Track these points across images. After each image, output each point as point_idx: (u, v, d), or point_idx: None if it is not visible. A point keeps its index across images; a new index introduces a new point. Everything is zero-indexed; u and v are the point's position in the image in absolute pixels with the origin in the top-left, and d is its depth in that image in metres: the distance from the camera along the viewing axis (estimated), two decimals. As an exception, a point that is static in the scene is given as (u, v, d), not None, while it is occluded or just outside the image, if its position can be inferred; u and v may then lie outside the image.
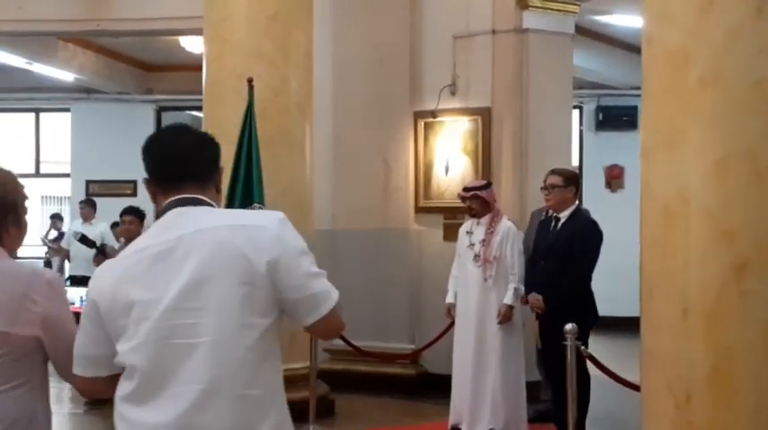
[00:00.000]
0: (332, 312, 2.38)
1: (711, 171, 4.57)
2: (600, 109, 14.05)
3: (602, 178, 14.00)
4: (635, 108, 13.77)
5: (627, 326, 8.67)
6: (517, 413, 6.67)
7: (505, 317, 6.56)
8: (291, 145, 7.54)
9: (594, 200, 12.72)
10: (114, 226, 13.31)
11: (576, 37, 9.27)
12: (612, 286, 9.26)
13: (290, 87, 7.52)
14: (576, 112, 13.51)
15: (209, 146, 2.55)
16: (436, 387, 7.95)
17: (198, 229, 2.35)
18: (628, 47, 12.17)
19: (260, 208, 7.05)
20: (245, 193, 7.10)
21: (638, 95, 13.92)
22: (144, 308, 2.30)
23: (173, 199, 2.44)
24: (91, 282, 2.45)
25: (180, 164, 2.46)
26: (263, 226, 2.37)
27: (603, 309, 6.62)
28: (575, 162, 12.42)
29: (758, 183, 4.53)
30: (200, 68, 7.83)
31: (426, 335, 8.16)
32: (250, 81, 7.08)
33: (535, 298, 6.25)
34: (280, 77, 7.45)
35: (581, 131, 14.15)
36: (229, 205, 7.10)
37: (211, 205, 2.45)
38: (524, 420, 6.73)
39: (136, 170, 11.52)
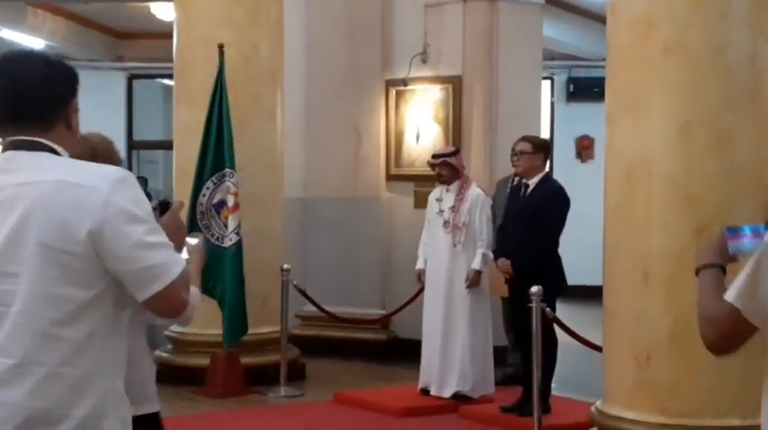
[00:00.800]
0: (168, 288, 2.06)
1: (674, 136, 4.69)
2: (571, 80, 14.13)
3: (573, 149, 14.11)
4: (605, 79, 13.83)
5: (596, 295, 8.76)
6: (485, 376, 6.79)
7: (473, 281, 6.65)
8: (262, 111, 7.57)
9: (565, 170, 12.82)
10: None
11: (547, 7, 9.32)
12: (582, 255, 9.38)
13: (261, 54, 7.54)
14: (547, 83, 13.57)
15: (58, 77, 2.21)
16: (406, 351, 8.05)
17: (22, 182, 2.06)
18: (599, 18, 12.23)
19: (231, 173, 7.10)
20: (216, 159, 7.14)
21: (608, 66, 13.64)
22: None
23: (9, 139, 2.14)
24: None
25: (17, 100, 2.13)
26: (94, 186, 2.04)
27: (573, 277, 6.73)
28: (545, 132, 12.50)
29: (720, 149, 4.65)
30: (170, 36, 7.82)
31: (396, 301, 8.25)
32: (221, 47, 7.11)
33: (504, 263, 6.35)
34: (251, 44, 7.47)
35: (552, 102, 14.23)
36: (200, 170, 7.16)
37: (53, 150, 2.12)
38: (492, 383, 6.85)
39: (109, 137, 11.46)
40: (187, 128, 7.57)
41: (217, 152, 7.12)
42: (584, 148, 14.17)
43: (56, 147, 2.13)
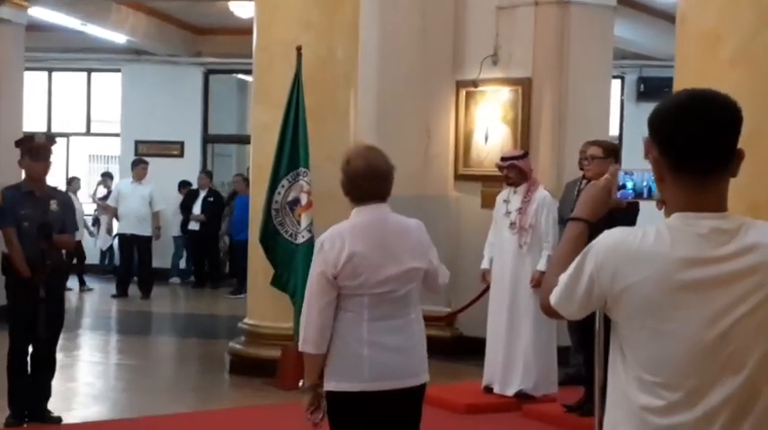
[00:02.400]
0: None
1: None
2: (641, 80, 14.12)
3: (642, 149, 14.07)
4: (677, 79, 13.81)
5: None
6: (548, 376, 6.93)
7: (538, 282, 6.78)
8: (337, 113, 7.79)
9: (634, 171, 12.82)
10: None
11: (618, 8, 9.37)
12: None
13: (337, 57, 7.76)
14: (617, 83, 13.60)
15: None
16: (470, 349, 8.22)
17: None
18: (670, 18, 12.19)
19: (305, 172, 7.34)
20: (292, 158, 7.38)
21: (680, 67, 13.54)
22: None
23: None
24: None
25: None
26: None
27: None
28: (614, 133, 12.54)
29: (784, 160, 4.73)
30: (247, 33, 8.07)
31: (462, 299, 8.42)
32: (299, 49, 7.34)
33: None
34: (327, 47, 7.69)
35: (622, 102, 14.24)
36: (276, 169, 7.41)
37: None
38: (554, 382, 6.99)
39: (184, 131, 12.07)
40: (264, 126, 7.83)
41: (292, 151, 7.37)
42: (653, 149, 14.14)
43: None
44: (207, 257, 14.45)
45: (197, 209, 14.08)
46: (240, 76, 15.95)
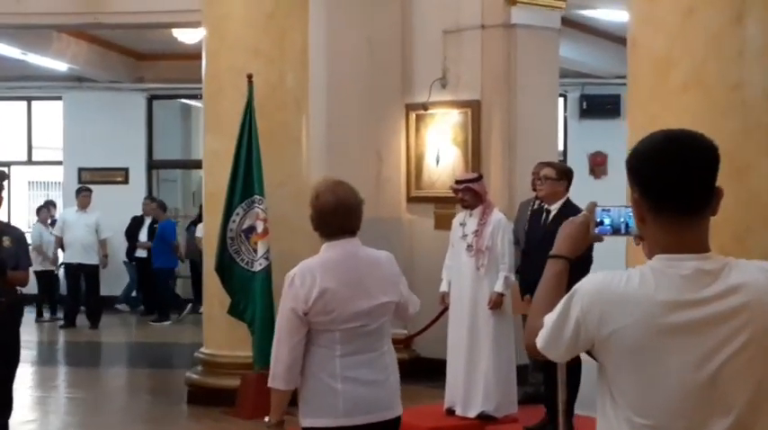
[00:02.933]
0: None
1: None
2: (584, 97, 14.36)
3: (586, 165, 14.31)
4: (618, 96, 14.08)
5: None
6: (508, 396, 6.98)
7: (496, 304, 6.86)
8: (289, 139, 7.80)
9: (578, 187, 12.89)
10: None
11: (561, 28, 9.53)
12: (596, 268, 9.56)
13: (287, 83, 7.77)
14: (560, 101, 13.79)
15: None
16: (428, 370, 8.24)
17: None
18: (611, 37, 12.46)
19: (260, 200, 7.32)
20: (246, 186, 7.37)
21: (622, 84, 14.18)
22: None
23: None
24: None
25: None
26: None
27: None
28: (558, 149, 12.70)
29: (738, 182, 4.85)
30: (190, 58, 8.06)
31: (419, 322, 8.44)
32: (250, 77, 7.34)
33: (527, 302, 6.56)
34: (277, 73, 7.70)
35: (565, 119, 14.45)
36: (230, 197, 7.38)
37: None
38: (515, 403, 7.04)
39: (128, 157, 11.95)
40: (216, 154, 7.80)
41: (246, 179, 7.35)
42: (597, 165, 14.38)
43: None
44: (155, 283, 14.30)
45: (143, 236, 13.95)
46: (184, 100, 15.85)
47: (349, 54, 9.11)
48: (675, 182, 2.03)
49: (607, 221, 2.30)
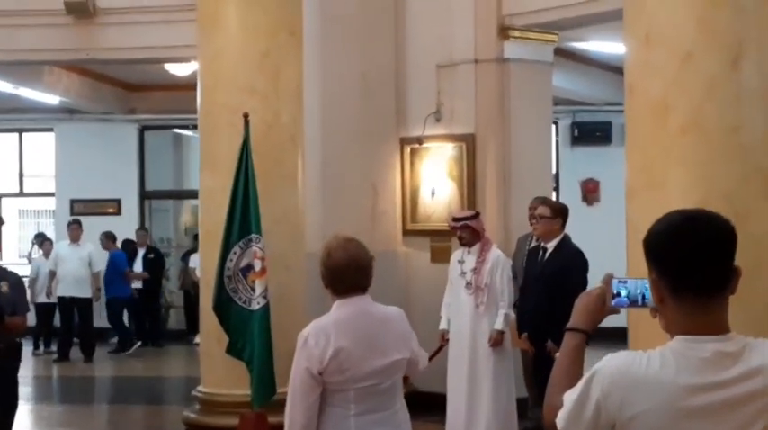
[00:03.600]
0: None
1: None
2: (575, 125, 14.41)
3: (578, 192, 14.36)
4: (609, 123, 14.16)
5: (607, 336, 8.96)
6: (508, 432, 6.99)
7: (496, 341, 6.86)
8: (285, 176, 7.78)
9: (571, 214, 12.98)
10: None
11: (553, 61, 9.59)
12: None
13: (283, 121, 7.77)
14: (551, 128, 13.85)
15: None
16: (426, 405, 8.20)
17: None
18: (602, 65, 12.54)
19: (258, 239, 7.31)
20: (243, 225, 7.35)
21: (612, 111, 14.23)
22: None
23: None
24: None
25: None
26: None
27: None
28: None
29: (737, 225, 4.87)
30: (182, 89, 8.01)
31: (416, 356, 8.43)
32: (246, 116, 7.34)
33: (524, 340, 6.60)
34: (273, 112, 7.70)
35: (557, 146, 14.49)
36: (227, 236, 7.36)
37: None
38: (515, 439, 7.05)
39: (120, 189, 11.97)
40: (212, 192, 7.79)
41: (243, 218, 7.33)
42: (589, 192, 14.42)
43: None
44: (148, 316, 14.26)
45: (138, 267, 13.92)
46: (176, 130, 15.85)
47: (343, 89, 9.14)
48: (693, 263, 2.04)
49: (623, 293, 2.30)
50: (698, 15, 4.84)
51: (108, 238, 13.78)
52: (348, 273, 3.56)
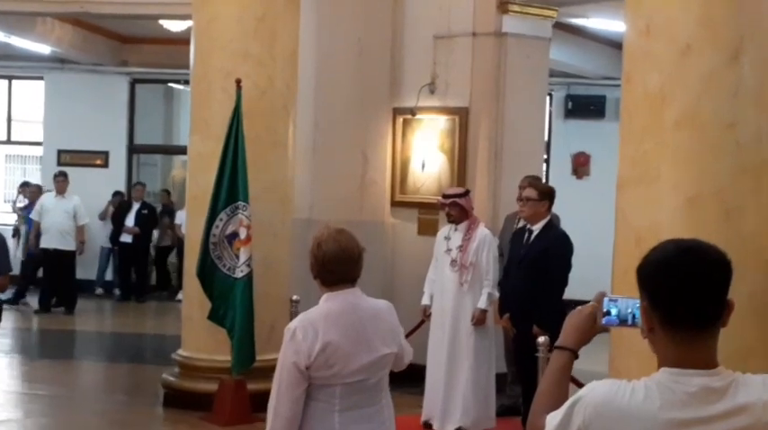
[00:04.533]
0: None
1: (683, 207, 4.89)
2: (569, 97, 14.34)
3: (569, 165, 14.32)
4: (603, 97, 14.09)
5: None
6: (486, 411, 7.00)
7: (479, 320, 6.86)
8: (276, 144, 7.73)
9: (561, 187, 12.81)
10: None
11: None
12: (577, 270, 9.60)
13: (277, 87, 7.70)
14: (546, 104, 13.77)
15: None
16: (405, 376, 8.18)
17: None
18: (598, 39, 12.44)
19: (244, 206, 7.26)
20: (230, 192, 7.30)
21: (607, 85, 14.11)
22: None
23: None
24: None
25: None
26: None
27: (567, 292, 6.84)
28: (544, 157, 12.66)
29: (727, 221, 4.85)
30: (175, 42, 7.88)
31: (399, 328, 8.43)
32: (238, 82, 7.26)
33: (505, 320, 6.59)
34: (267, 77, 7.62)
35: (550, 118, 14.43)
36: (214, 203, 7.31)
37: None
38: (493, 418, 7.07)
39: (108, 141, 11.94)
40: (201, 157, 7.73)
41: (231, 185, 7.28)
42: (580, 165, 14.39)
43: None
44: (135, 269, 14.24)
45: (130, 221, 13.88)
46: (168, 84, 15.70)
47: (338, 56, 9.04)
48: (686, 295, 2.00)
49: (614, 312, 2.27)
50: (698, 8, 4.78)
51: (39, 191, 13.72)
52: (338, 264, 3.51)
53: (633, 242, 5.07)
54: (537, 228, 6.59)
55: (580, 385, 2.59)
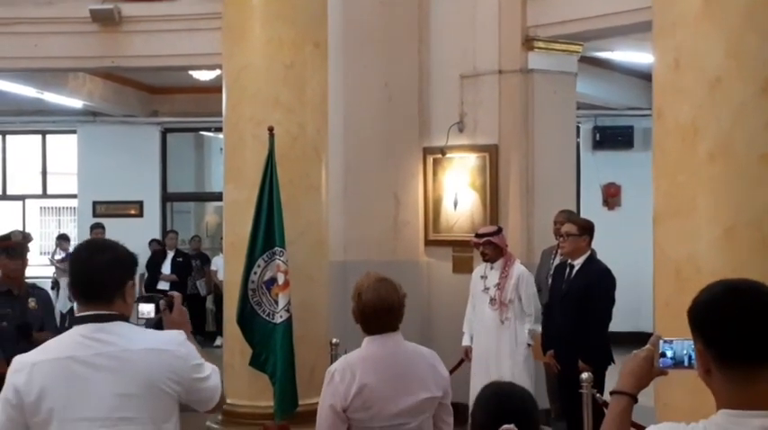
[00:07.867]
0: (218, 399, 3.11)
1: (720, 238, 4.90)
2: (596, 129, 14.36)
3: (600, 196, 14.31)
4: (631, 128, 14.11)
5: (627, 341, 8.93)
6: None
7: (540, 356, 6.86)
8: (309, 188, 7.80)
9: (592, 218, 12.92)
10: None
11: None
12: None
13: (308, 132, 7.78)
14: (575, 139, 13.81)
15: (121, 265, 3.00)
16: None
17: (123, 348, 2.86)
18: (624, 71, 12.49)
19: (281, 252, 7.33)
20: (267, 238, 7.37)
21: (634, 116, 14.11)
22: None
23: (86, 314, 2.92)
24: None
25: (90, 284, 2.93)
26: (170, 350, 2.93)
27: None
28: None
29: (765, 250, 4.86)
30: (204, 91, 7.99)
31: (438, 367, 8.43)
32: (271, 129, 7.35)
33: (550, 356, 6.59)
34: (297, 124, 7.71)
35: (578, 150, 14.45)
36: (252, 249, 7.39)
37: (121, 317, 2.93)
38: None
39: (142, 191, 12.09)
40: (237, 204, 7.81)
41: (267, 231, 7.35)
42: (610, 196, 14.38)
43: (120, 313, 2.91)
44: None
45: (166, 269, 14.02)
46: (198, 132, 15.91)
47: (367, 99, 9.15)
48: (739, 334, 2.01)
49: (669, 354, 2.30)
50: (727, 41, 4.82)
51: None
52: (378, 314, 3.56)
53: (673, 274, 5.08)
54: (578, 263, 6.60)
55: (640, 428, 2.63)
